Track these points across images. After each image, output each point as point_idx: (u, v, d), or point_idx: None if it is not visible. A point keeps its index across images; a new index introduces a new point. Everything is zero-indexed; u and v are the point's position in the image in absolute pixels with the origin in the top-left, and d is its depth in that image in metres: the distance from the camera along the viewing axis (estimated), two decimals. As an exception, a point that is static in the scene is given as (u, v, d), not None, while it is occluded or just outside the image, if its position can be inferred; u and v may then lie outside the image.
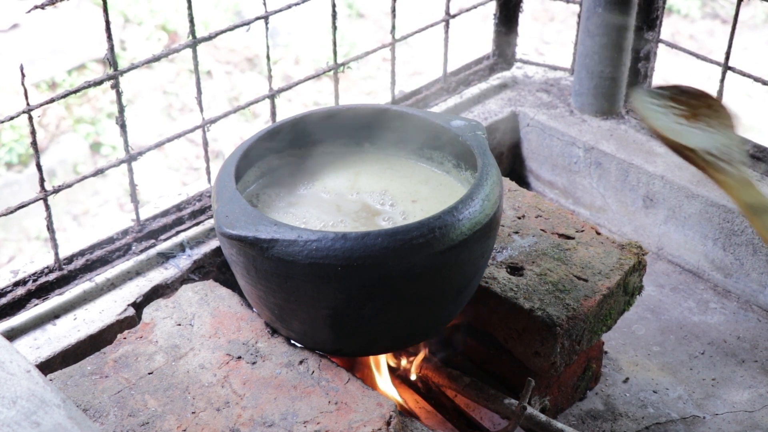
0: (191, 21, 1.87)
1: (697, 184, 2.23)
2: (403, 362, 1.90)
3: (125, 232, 1.95)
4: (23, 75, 1.63)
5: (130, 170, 1.90)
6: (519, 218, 1.95)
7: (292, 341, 1.64)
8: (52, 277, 1.85)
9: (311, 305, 1.50)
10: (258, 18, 1.97)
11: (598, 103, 2.45)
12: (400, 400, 1.85)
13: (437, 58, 2.45)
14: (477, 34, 3.88)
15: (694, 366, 2.06)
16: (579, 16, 2.41)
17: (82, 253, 1.90)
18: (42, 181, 1.76)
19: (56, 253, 1.84)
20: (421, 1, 5.02)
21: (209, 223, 2.01)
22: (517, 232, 1.90)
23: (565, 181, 2.47)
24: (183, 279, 1.91)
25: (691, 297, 2.25)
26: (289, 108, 4.99)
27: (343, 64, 2.15)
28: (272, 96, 2.07)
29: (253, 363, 1.59)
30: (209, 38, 1.91)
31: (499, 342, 1.81)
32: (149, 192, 4.43)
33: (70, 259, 1.89)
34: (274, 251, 1.45)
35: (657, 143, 2.36)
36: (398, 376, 1.92)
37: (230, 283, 1.80)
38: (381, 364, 1.84)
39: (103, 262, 1.91)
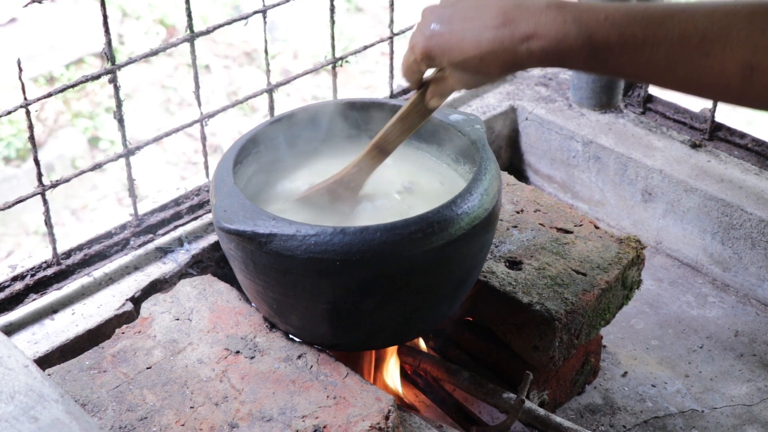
0: (189, 15, 1.87)
1: (695, 178, 2.22)
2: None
3: (123, 227, 1.95)
4: (21, 69, 1.62)
5: (128, 165, 1.90)
6: (517, 212, 1.95)
7: (291, 336, 1.64)
8: (50, 271, 1.85)
9: (310, 300, 1.50)
10: (256, 12, 1.96)
11: (596, 96, 2.45)
12: (400, 393, 1.85)
13: (436, 52, 2.44)
14: (475, 28, 3.86)
15: (692, 360, 2.06)
16: (577, 10, 2.41)
17: (80, 248, 1.90)
18: (40, 175, 1.76)
19: (54, 248, 1.84)
20: (420, -5, 5.01)
21: (207, 218, 2.01)
22: (515, 227, 1.90)
23: (563, 175, 2.47)
24: (181, 273, 1.90)
25: (690, 291, 2.25)
26: (288, 102, 4.99)
27: (341, 59, 2.14)
28: (270, 90, 2.07)
29: (252, 357, 1.59)
30: (207, 32, 1.91)
31: (498, 336, 1.81)
32: (147, 187, 4.43)
33: (68, 254, 1.88)
34: (273, 246, 1.44)
35: (656, 137, 2.36)
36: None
37: (228, 278, 1.80)
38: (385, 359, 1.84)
39: (102, 256, 1.90)
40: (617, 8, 1.16)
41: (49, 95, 1.73)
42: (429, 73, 1.45)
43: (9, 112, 1.68)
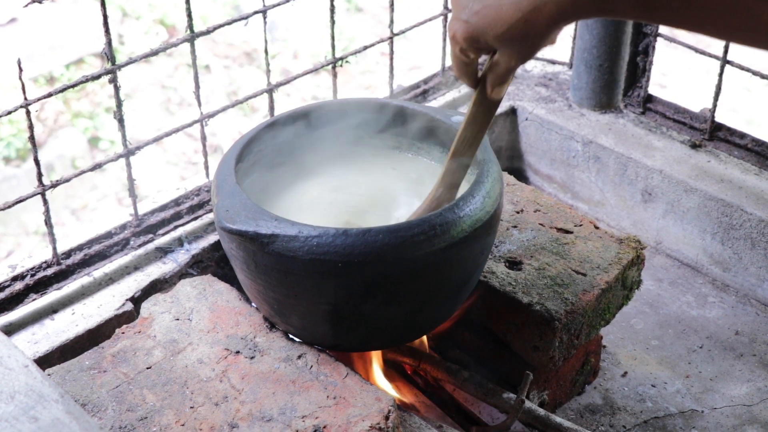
0: (189, 15, 1.87)
1: (695, 178, 2.22)
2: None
3: (123, 227, 1.95)
4: (21, 69, 1.63)
5: (129, 165, 1.90)
6: (517, 213, 1.95)
7: (291, 336, 1.64)
8: (50, 271, 1.85)
9: (311, 300, 1.50)
10: (256, 12, 1.96)
11: (596, 97, 2.45)
12: (397, 395, 1.85)
13: (436, 53, 2.45)
14: (475, 28, 3.86)
15: (692, 360, 2.06)
16: (578, 10, 2.40)
17: (80, 248, 1.90)
18: (40, 175, 1.76)
19: (54, 248, 1.84)
20: (420, -5, 5.01)
21: (207, 218, 2.01)
22: (515, 227, 1.90)
23: (563, 175, 2.47)
24: (181, 274, 1.90)
25: (690, 291, 2.25)
26: (288, 102, 4.99)
27: (341, 59, 2.14)
28: (270, 90, 2.07)
29: (252, 357, 1.59)
30: (207, 32, 1.91)
31: (498, 336, 1.81)
32: (147, 187, 4.43)
33: (68, 254, 1.88)
34: (275, 246, 1.44)
35: (656, 137, 2.36)
36: (396, 370, 1.92)
37: (229, 278, 1.80)
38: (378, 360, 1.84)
39: (102, 256, 1.90)
40: None
41: (49, 95, 1.73)
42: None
43: (9, 112, 1.68)
